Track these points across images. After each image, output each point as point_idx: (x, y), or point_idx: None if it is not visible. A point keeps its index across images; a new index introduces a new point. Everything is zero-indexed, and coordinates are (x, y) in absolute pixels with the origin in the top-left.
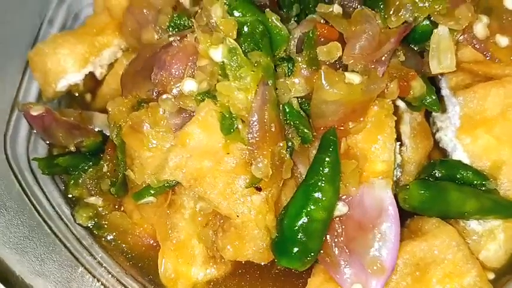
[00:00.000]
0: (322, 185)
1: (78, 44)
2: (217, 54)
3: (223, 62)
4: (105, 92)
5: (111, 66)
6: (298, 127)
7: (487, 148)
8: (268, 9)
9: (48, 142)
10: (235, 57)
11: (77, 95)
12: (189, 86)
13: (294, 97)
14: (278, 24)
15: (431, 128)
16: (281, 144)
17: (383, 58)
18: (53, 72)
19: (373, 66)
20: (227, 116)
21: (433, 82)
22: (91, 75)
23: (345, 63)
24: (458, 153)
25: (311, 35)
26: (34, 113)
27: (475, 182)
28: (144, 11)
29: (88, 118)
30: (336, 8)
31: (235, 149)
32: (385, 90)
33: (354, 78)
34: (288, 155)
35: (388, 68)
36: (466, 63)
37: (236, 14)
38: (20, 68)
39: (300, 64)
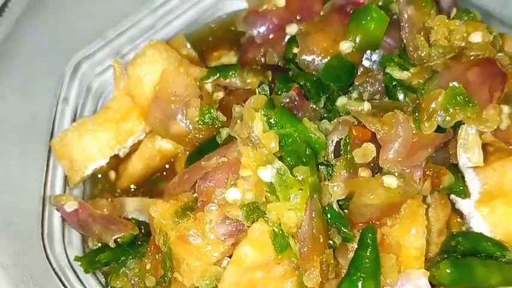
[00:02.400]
0: (364, 280)
1: (103, 132)
2: (266, 174)
3: (271, 182)
4: (130, 173)
5: (134, 145)
6: (339, 228)
7: (505, 218)
8: (305, 119)
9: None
10: (284, 178)
11: (100, 176)
12: (233, 195)
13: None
14: (317, 133)
15: None
16: (328, 251)
17: (419, 163)
18: (79, 161)
19: (409, 170)
20: (279, 234)
21: None
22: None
23: (382, 167)
24: (477, 220)
25: (347, 141)
26: (68, 209)
27: (497, 253)
28: (172, 105)
29: (119, 205)
30: (366, 106)
31: (284, 259)
32: None
33: (391, 182)
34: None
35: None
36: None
37: (275, 125)
38: (43, 152)
39: (339, 169)
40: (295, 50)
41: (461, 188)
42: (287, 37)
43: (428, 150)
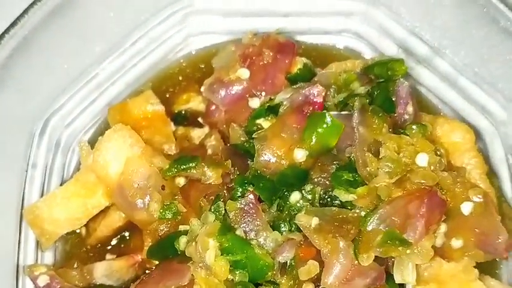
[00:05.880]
0: None
1: (71, 205)
2: None
3: None
4: (98, 236)
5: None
6: None
7: None
8: (255, 244)
9: None
10: None
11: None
12: None
13: None
14: (265, 259)
15: None
16: None
17: None
18: (50, 230)
19: None
20: None
21: None
22: None
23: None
24: None
25: (293, 264)
26: (41, 284)
27: None
28: (135, 197)
29: (89, 272)
30: (314, 222)
31: None
32: None
33: None
34: None
35: None
36: None
37: (227, 252)
38: (15, 218)
39: (284, 287)
40: (260, 121)
41: None
42: (250, 108)
43: (365, 280)
